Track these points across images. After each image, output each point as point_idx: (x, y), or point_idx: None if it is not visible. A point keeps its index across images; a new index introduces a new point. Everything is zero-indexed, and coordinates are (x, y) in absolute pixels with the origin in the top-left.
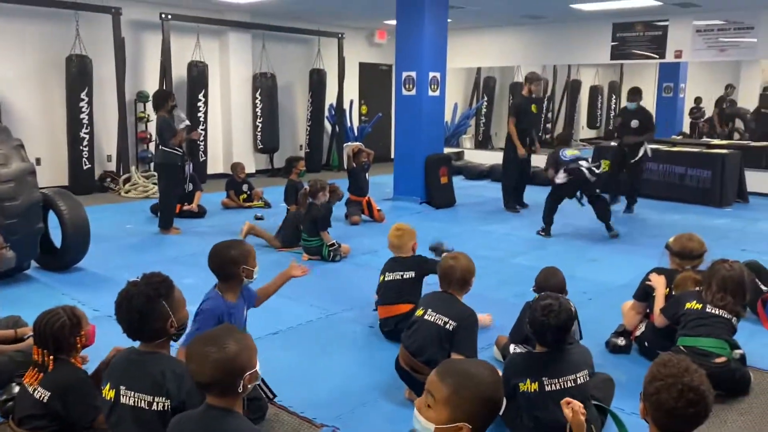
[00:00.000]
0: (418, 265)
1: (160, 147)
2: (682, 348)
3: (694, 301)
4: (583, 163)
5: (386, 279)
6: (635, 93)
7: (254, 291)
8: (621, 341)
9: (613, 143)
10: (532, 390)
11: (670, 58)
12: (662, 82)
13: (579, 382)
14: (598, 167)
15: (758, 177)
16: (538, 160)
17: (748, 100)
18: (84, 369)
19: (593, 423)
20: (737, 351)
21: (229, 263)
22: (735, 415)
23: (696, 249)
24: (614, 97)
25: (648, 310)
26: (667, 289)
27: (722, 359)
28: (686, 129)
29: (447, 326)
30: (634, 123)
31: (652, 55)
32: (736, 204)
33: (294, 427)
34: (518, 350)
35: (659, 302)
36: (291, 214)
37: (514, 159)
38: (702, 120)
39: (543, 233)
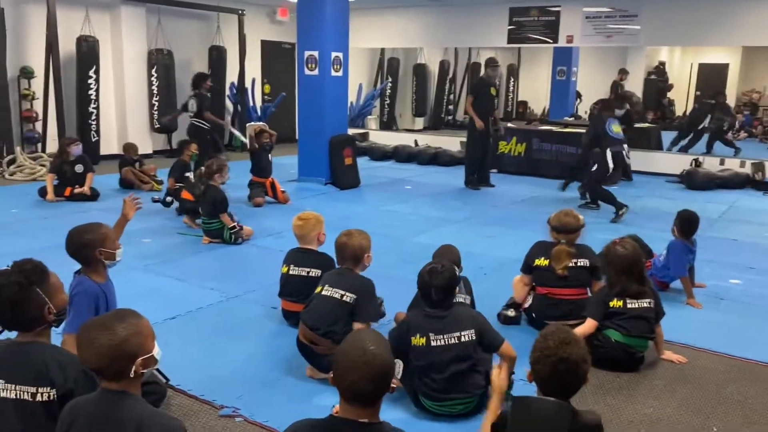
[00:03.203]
0: (326, 265)
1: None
2: (613, 341)
3: (615, 299)
4: (625, 147)
5: (291, 273)
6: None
7: None
8: (511, 313)
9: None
10: (421, 344)
11: (562, 42)
12: (556, 66)
13: (464, 339)
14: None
15: (641, 156)
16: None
17: (633, 85)
18: None
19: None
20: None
21: (84, 247)
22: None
23: (571, 223)
24: (512, 79)
25: (534, 283)
26: (547, 260)
27: (642, 354)
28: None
29: (345, 298)
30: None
31: (546, 39)
32: (622, 182)
33: (194, 411)
34: None
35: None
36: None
37: (478, 138)
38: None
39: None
